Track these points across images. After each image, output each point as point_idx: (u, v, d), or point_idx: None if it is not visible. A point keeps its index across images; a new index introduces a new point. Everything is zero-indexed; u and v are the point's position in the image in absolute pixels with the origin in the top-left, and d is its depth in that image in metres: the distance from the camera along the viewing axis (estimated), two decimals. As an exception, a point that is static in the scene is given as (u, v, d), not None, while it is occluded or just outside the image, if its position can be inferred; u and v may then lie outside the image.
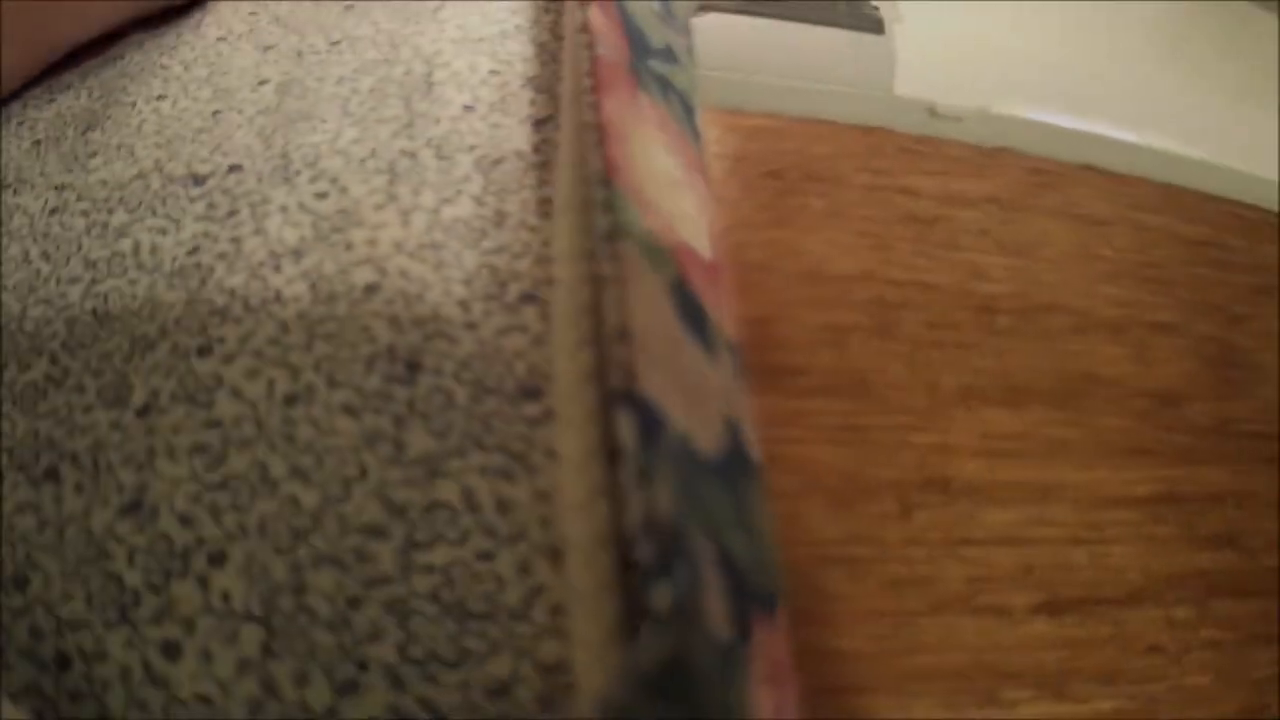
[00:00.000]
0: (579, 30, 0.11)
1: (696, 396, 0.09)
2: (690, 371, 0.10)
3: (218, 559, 0.08)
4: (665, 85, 0.13)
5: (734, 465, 0.09)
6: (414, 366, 0.10)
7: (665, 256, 0.10)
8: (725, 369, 0.10)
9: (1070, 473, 0.13)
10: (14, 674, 0.08)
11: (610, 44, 0.11)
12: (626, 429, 0.08)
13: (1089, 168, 0.17)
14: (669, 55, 0.13)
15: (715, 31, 0.16)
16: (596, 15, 0.11)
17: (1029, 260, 0.15)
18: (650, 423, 0.08)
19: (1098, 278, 0.15)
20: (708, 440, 0.09)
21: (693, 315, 0.10)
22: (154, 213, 0.11)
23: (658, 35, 0.13)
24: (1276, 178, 0.19)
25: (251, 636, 0.08)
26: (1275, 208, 0.19)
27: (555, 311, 0.10)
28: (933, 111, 0.18)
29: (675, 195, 0.11)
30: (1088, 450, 0.13)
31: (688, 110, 0.13)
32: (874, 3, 0.20)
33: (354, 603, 0.08)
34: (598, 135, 0.10)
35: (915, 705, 0.11)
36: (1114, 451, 0.13)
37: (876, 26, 0.19)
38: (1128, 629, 0.12)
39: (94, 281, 0.10)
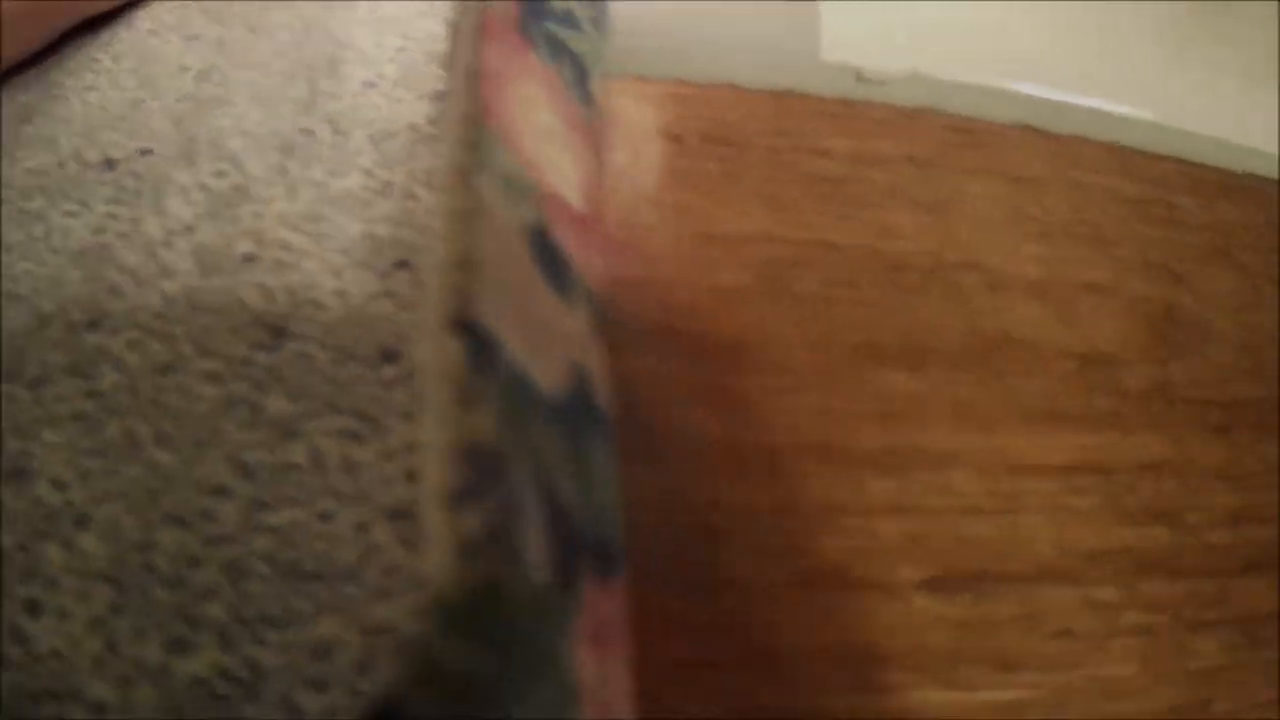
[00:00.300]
0: None
1: (542, 337, 0.09)
2: (538, 312, 0.09)
3: (83, 521, 0.08)
4: (559, 48, 0.12)
5: (577, 413, 0.09)
6: (280, 333, 0.09)
7: (529, 198, 0.10)
8: (581, 320, 0.10)
9: (974, 438, 0.12)
10: None
11: (502, 3, 0.11)
12: (453, 352, 0.07)
13: (1025, 127, 0.16)
14: (569, 20, 0.13)
15: (638, 2, 0.16)
16: None
17: (944, 218, 0.14)
18: (481, 348, 0.08)
19: (1021, 236, 0.14)
20: (548, 382, 0.09)
21: (551, 260, 0.10)
22: (68, 197, 0.11)
23: (559, 1, 0.13)
24: (1235, 138, 0.18)
25: (102, 595, 0.08)
26: (1237, 168, 0.17)
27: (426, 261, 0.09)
28: (860, 76, 0.17)
29: (551, 148, 0.11)
30: (996, 414, 0.12)
31: (582, 74, 0.13)
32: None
33: (193, 562, 0.08)
34: (475, 79, 0.10)
35: (769, 685, 0.10)
36: (1028, 416, 0.12)
37: (804, -7, 0.18)
38: (1035, 610, 0.11)
39: (9, 265, 0.10)
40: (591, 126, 0.13)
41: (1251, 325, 0.14)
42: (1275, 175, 0.17)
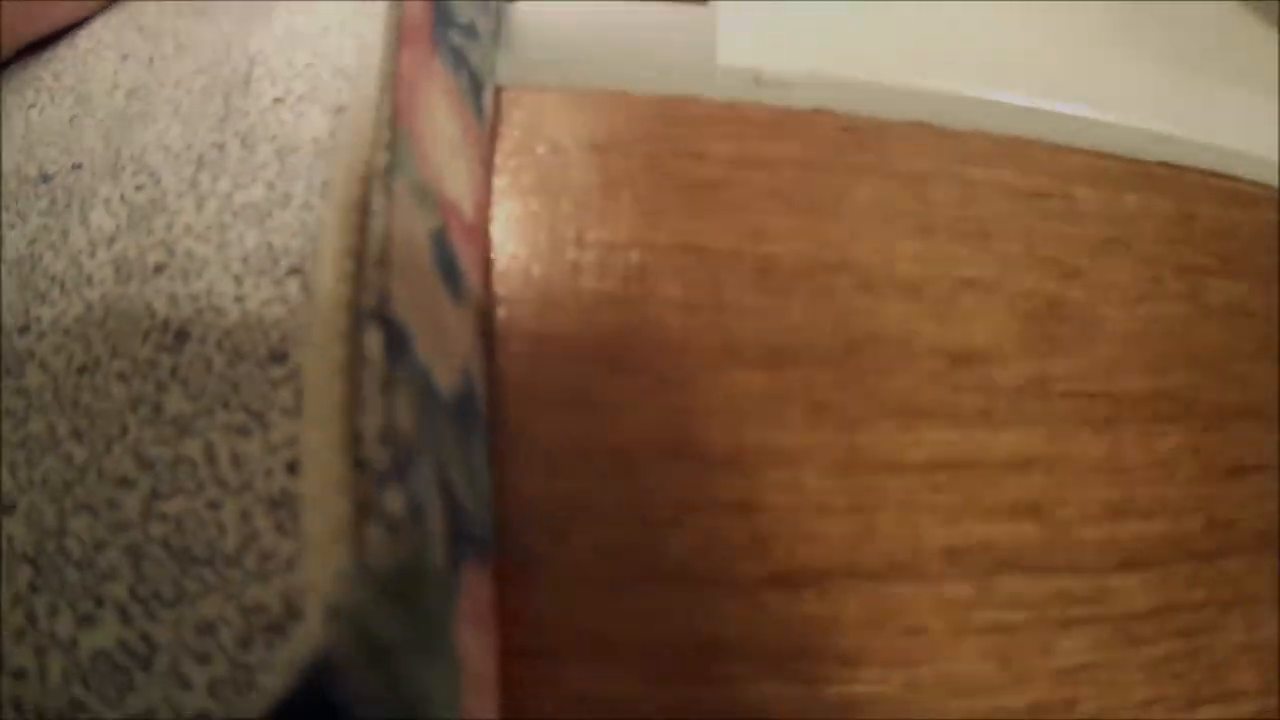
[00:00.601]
0: None
1: (441, 338, 0.10)
2: (438, 315, 0.10)
3: (9, 509, 0.09)
4: (460, 58, 0.13)
5: (465, 412, 0.10)
6: (182, 336, 0.10)
7: (433, 205, 0.10)
8: (469, 326, 0.11)
9: (829, 436, 0.11)
10: None
11: (416, 9, 0.12)
12: (374, 342, 0.08)
13: (919, 124, 0.16)
14: (470, 31, 0.13)
15: (535, 12, 0.16)
16: None
17: (821, 219, 0.14)
18: (398, 340, 0.09)
19: (899, 234, 0.14)
20: (445, 380, 0.10)
21: (448, 266, 0.11)
22: (8, 210, 0.11)
23: (464, 10, 0.13)
24: (1150, 125, 0.17)
25: (24, 574, 0.09)
26: (1149, 157, 0.17)
27: (319, 252, 0.10)
28: (758, 79, 0.17)
29: (451, 156, 0.11)
30: (855, 413, 0.12)
31: (476, 86, 0.13)
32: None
33: (100, 546, 0.09)
34: (391, 83, 0.10)
35: (610, 675, 0.09)
36: (888, 414, 0.12)
37: (700, -5, 0.18)
38: (884, 607, 0.10)
39: None
40: (482, 139, 0.14)
41: (1148, 316, 0.14)
42: (1188, 163, 0.17)
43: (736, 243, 0.13)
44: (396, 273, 0.09)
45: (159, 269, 0.10)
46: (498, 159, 0.14)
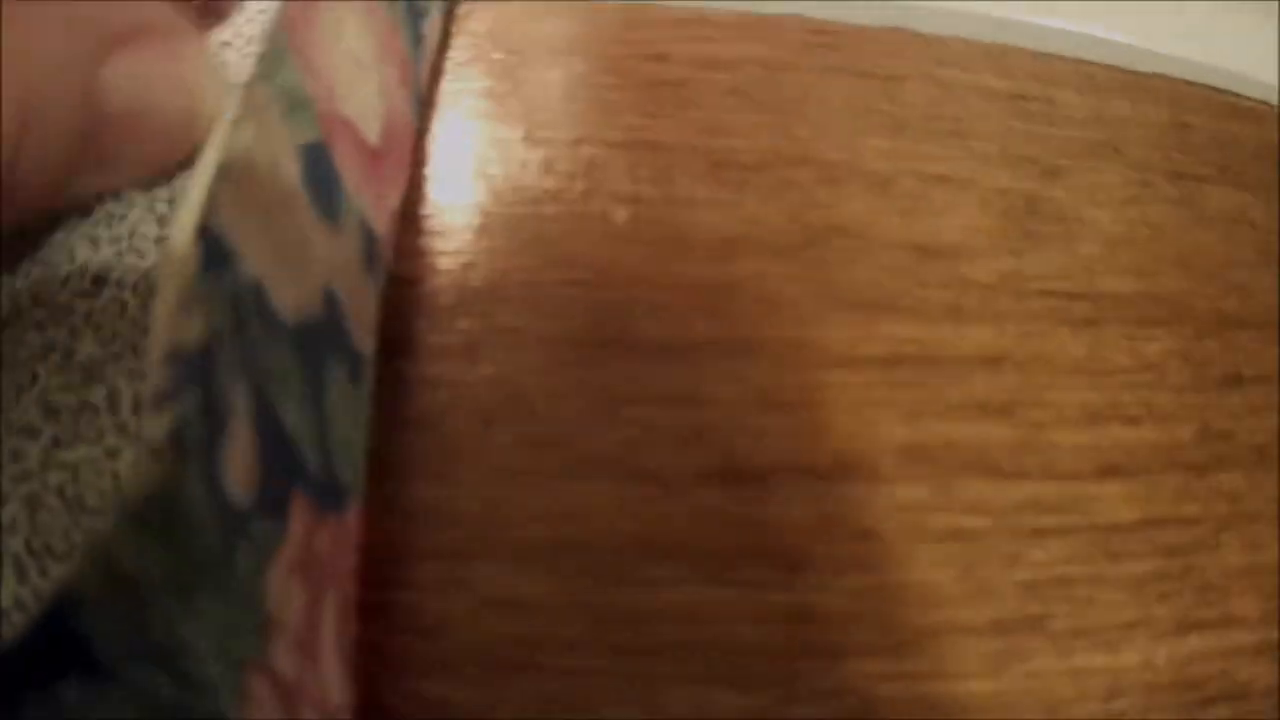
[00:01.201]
0: None
1: (293, 257, 0.09)
2: (295, 231, 0.09)
3: None
4: None
5: (320, 340, 0.09)
6: (100, 281, 0.09)
7: (309, 118, 0.09)
8: (349, 248, 0.10)
9: (780, 330, 0.10)
10: None
11: None
12: (187, 257, 0.07)
13: (895, 29, 0.15)
14: None
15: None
16: None
17: (784, 116, 0.13)
18: (215, 256, 0.07)
19: (867, 130, 0.12)
20: (290, 301, 0.08)
21: (323, 183, 0.09)
22: None
23: None
24: (1142, 43, 0.16)
25: None
26: (1143, 69, 0.15)
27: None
28: None
29: (353, 74, 0.10)
30: (809, 306, 0.10)
31: (417, 12, 0.12)
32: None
33: (4, 499, 0.08)
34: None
35: (525, 577, 0.08)
36: (846, 306, 0.11)
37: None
38: (830, 509, 0.09)
39: None
40: (410, 62, 0.12)
41: (1135, 219, 0.13)
42: (1183, 76, 0.15)
43: (692, 138, 0.12)
44: (229, 184, 0.08)
45: (83, 214, 0.09)
46: (449, 67, 0.13)
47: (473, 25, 0.14)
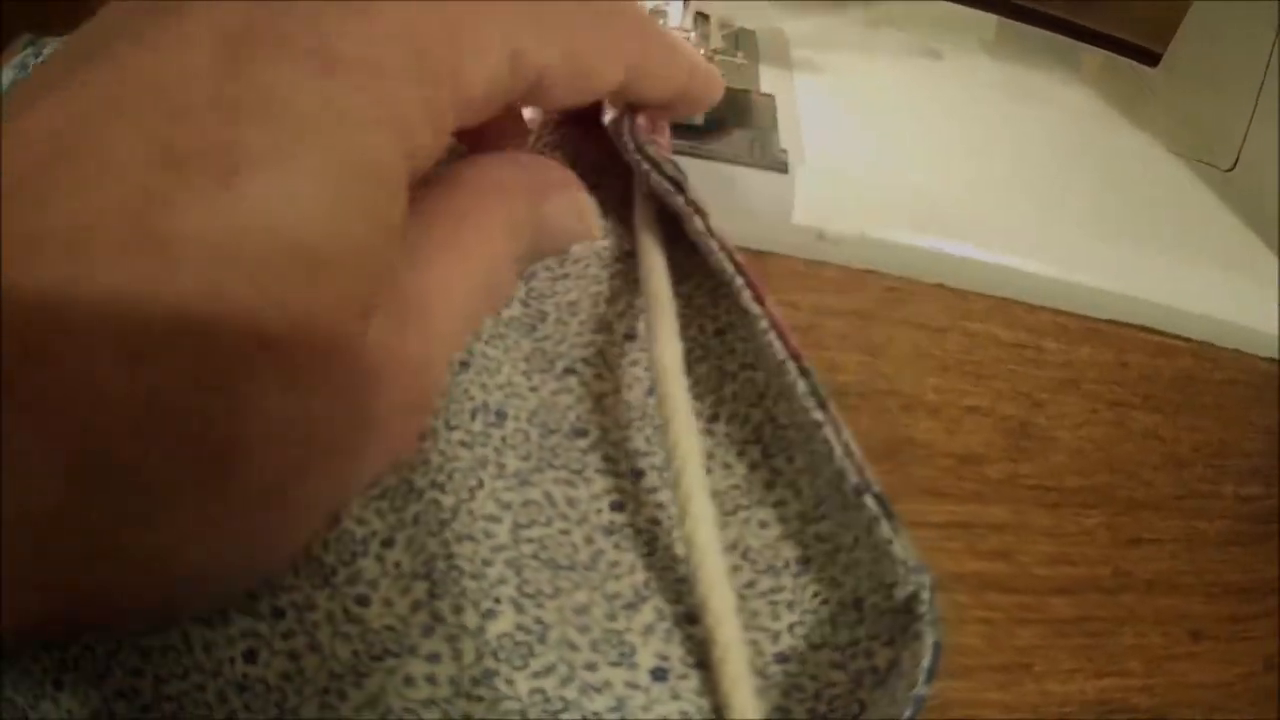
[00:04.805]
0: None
1: None
2: None
3: (389, 543, 0.17)
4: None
5: None
6: (501, 415, 0.20)
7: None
8: None
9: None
10: (232, 625, 0.16)
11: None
12: None
13: (938, 286, 0.32)
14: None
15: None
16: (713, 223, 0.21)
17: (876, 358, 0.30)
18: None
19: (927, 372, 0.30)
20: None
21: None
22: None
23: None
24: (1102, 285, 0.35)
25: (420, 587, 0.17)
26: (1100, 315, 0.34)
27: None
28: (820, 235, 0.33)
29: None
30: (900, 490, 0.27)
31: None
32: (782, 147, 0.36)
33: (486, 562, 0.17)
34: (777, 334, 0.20)
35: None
36: (920, 492, 0.27)
37: (783, 167, 0.35)
38: None
39: None
40: None
41: (1084, 437, 0.31)
42: (1128, 320, 0.34)
43: (822, 373, 0.29)
44: None
45: (464, 366, 0.20)
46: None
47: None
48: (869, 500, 0.18)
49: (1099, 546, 0.28)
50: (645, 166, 0.22)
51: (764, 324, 0.20)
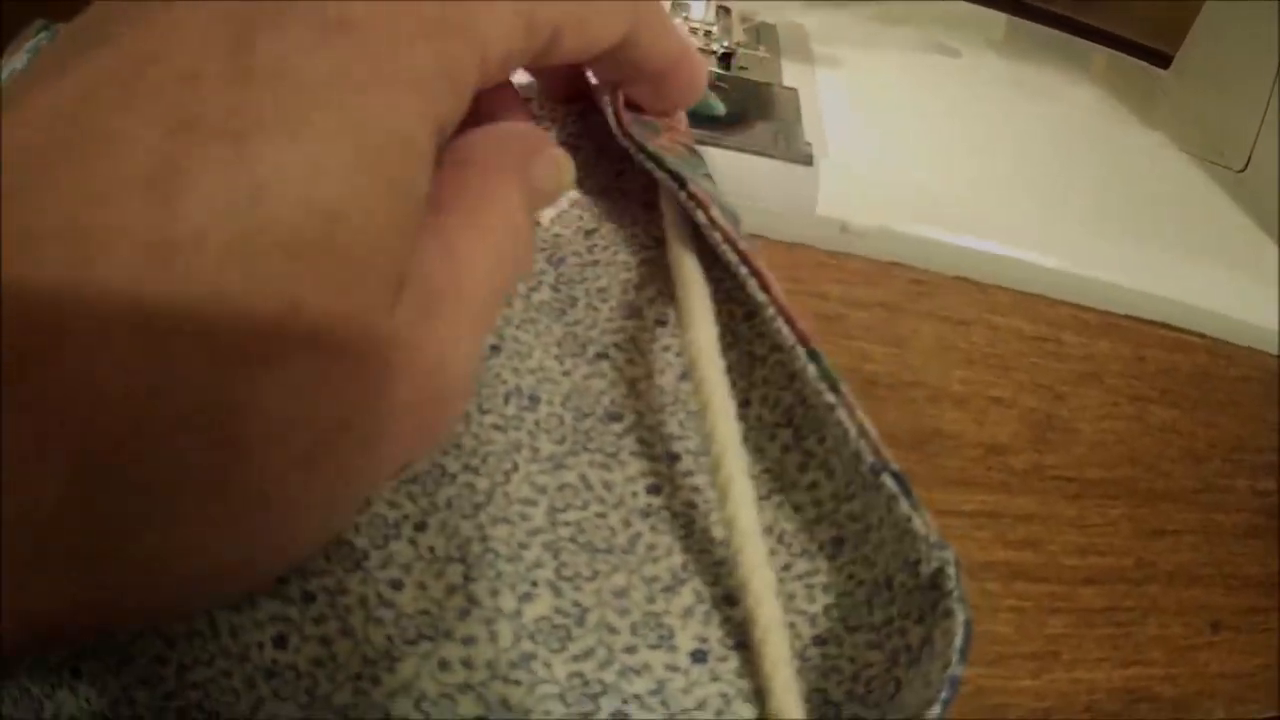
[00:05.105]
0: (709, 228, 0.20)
1: None
2: None
3: (421, 527, 0.17)
4: (737, 220, 0.21)
5: None
6: (534, 399, 0.20)
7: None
8: None
9: (918, 493, 0.27)
10: (260, 609, 0.16)
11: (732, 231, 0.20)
12: None
13: (961, 279, 0.33)
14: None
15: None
16: (714, 213, 0.21)
17: (903, 350, 0.30)
18: None
19: (953, 364, 0.30)
20: None
21: None
22: None
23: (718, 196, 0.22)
24: (1119, 281, 0.35)
25: (455, 570, 0.17)
26: (1118, 310, 0.35)
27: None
28: (844, 228, 0.33)
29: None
30: (930, 480, 0.27)
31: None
32: (807, 139, 0.36)
33: (523, 545, 0.18)
34: (784, 319, 0.19)
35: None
36: (949, 482, 0.27)
37: (807, 160, 0.35)
38: None
39: None
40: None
41: (1107, 429, 0.31)
42: (1145, 316, 0.35)
43: (851, 362, 0.29)
44: None
45: (495, 350, 0.21)
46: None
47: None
48: (887, 479, 0.18)
49: (1123, 537, 0.28)
50: (649, 164, 0.22)
51: (770, 311, 0.20)
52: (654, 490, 0.20)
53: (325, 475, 0.14)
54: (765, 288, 0.20)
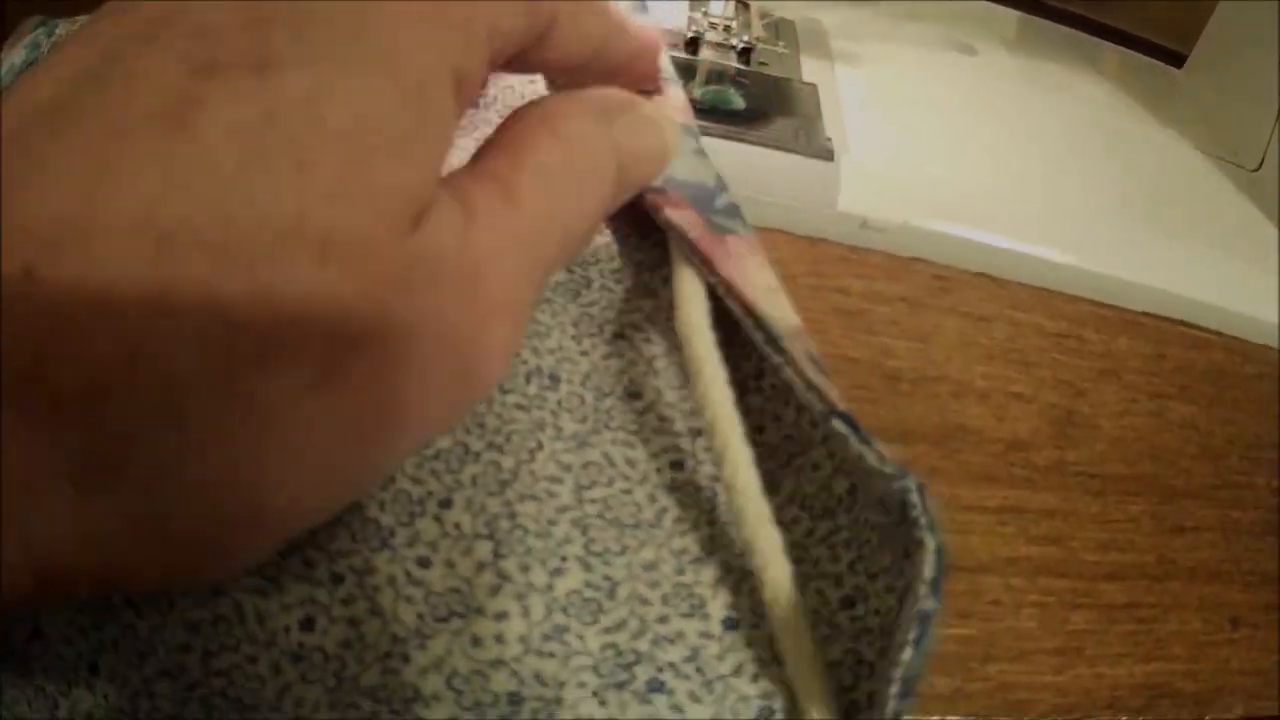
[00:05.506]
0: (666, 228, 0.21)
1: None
2: None
3: (446, 504, 0.17)
4: (736, 214, 0.22)
5: None
6: (554, 378, 0.20)
7: (796, 336, 0.19)
8: None
9: (941, 488, 0.26)
10: (288, 592, 0.16)
11: (688, 221, 0.20)
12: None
13: (982, 275, 0.32)
14: (722, 183, 0.22)
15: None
16: (667, 213, 0.21)
17: (926, 345, 0.29)
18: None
19: (975, 359, 0.30)
20: None
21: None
22: None
23: (708, 174, 0.22)
24: (1137, 279, 0.35)
25: (484, 547, 0.17)
26: (1136, 307, 0.34)
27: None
28: (864, 224, 0.33)
29: (778, 297, 0.20)
30: (954, 475, 0.27)
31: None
32: (828, 135, 0.36)
33: (551, 521, 0.17)
34: (731, 294, 0.19)
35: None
36: (973, 478, 0.27)
37: (828, 155, 0.35)
38: (978, 587, 0.25)
39: None
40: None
41: (1127, 426, 0.31)
42: (1163, 313, 0.34)
43: (874, 357, 0.28)
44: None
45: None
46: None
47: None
48: (836, 422, 0.18)
49: (1144, 534, 0.28)
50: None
51: (722, 289, 0.20)
52: (678, 466, 0.20)
53: (339, 399, 0.13)
54: (713, 271, 0.20)
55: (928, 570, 0.15)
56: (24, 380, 0.12)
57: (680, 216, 0.21)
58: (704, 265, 0.20)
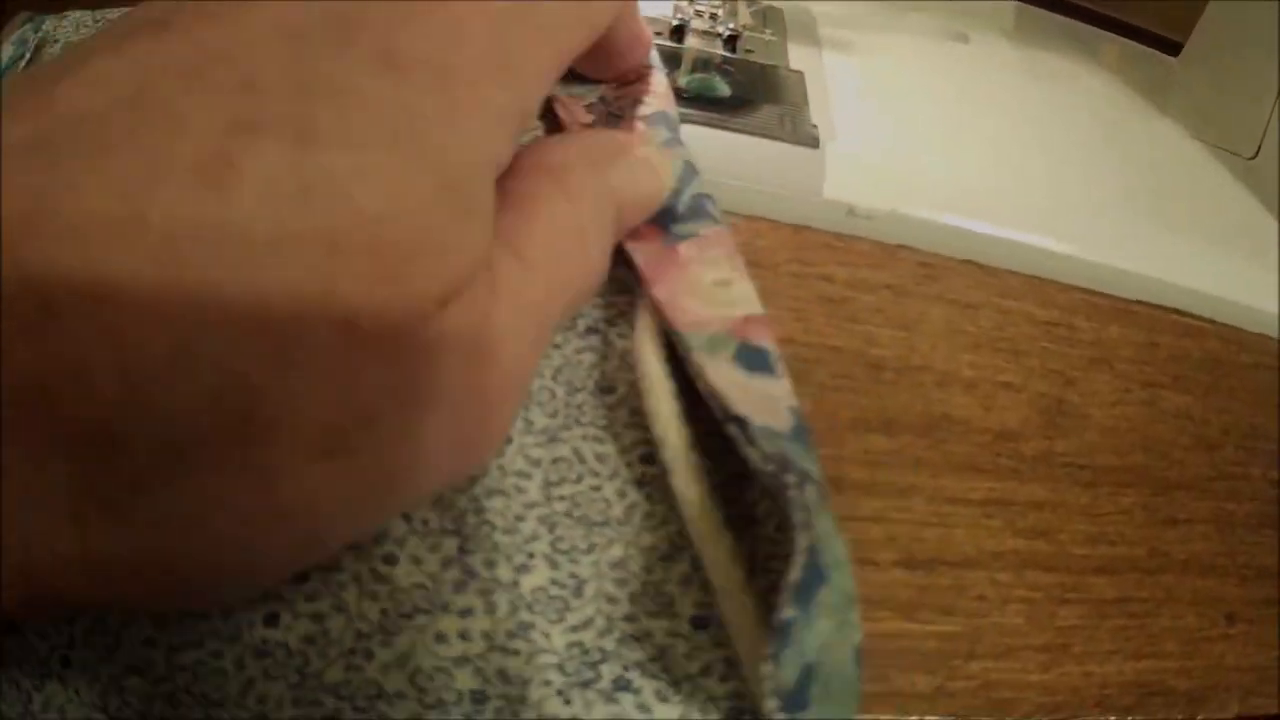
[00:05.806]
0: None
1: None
2: None
3: None
4: (700, 211, 0.22)
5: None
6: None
7: (722, 338, 0.19)
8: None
9: (925, 479, 0.26)
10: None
11: (646, 247, 0.21)
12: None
13: (969, 262, 0.31)
14: (692, 170, 0.22)
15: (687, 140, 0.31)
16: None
17: (911, 333, 0.29)
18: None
19: (961, 348, 0.29)
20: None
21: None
22: None
23: (674, 170, 0.22)
24: (1130, 267, 0.34)
25: (450, 543, 0.17)
26: (1129, 295, 0.33)
27: None
28: (851, 211, 0.32)
29: (728, 290, 0.21)
30: (939, 466, 0.26)
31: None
32: (813, 122, 0.35)
33: (519, 518, 0.17)
34: (660, 314, 0.19)
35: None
36: (959, 468, 0.26)
37: (813, 142, 0.34)
38: (962, 582, 0.24)
39: None
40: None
41: (1118, 416, 0.30)
42: (1156, 302, 0.33)
43: (858, 345, 0.28)
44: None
45: None
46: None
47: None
48: (730, 427, 0.18)
49: (1135, 526, 0.27)
50: None
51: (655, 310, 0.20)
52: (648, 460, 0.19)
53: (345, 470, 0.13)
54: (647, 291, 0.20)
55: (793, 573, 0.15)
56: (33, 414, 0.12)
57: (632, 236, 0.21)
58: (641, 287, 0.20)
